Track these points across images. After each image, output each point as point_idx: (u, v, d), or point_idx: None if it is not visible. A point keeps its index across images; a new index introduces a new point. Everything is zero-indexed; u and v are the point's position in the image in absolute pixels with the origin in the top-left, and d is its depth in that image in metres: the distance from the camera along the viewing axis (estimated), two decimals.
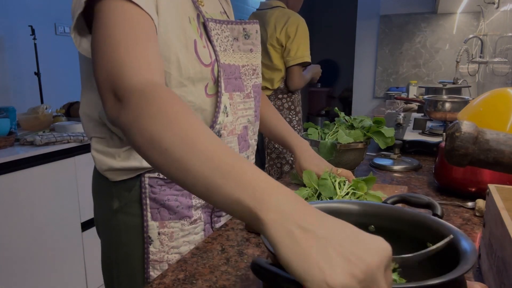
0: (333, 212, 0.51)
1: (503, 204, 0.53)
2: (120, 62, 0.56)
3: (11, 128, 1.87)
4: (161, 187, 0.77)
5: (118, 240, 0.80)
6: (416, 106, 2.76)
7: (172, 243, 0.79)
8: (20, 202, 1.69)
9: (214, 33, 0.76)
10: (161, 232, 0.77)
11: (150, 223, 0.77)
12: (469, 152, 0.72)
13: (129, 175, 0.76)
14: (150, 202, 0.77)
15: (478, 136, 0.72)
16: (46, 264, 1.82)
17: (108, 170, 0.77)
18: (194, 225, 0.81)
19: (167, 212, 0.77)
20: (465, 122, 0.73)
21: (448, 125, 1.74)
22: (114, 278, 0.82)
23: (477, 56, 2.80)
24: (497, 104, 1.04)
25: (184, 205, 0.78)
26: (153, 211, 0.77)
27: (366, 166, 1.29)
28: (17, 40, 2.31)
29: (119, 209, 0.78)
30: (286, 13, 2.05)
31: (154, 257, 0.78)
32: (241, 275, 0.61)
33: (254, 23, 0.85)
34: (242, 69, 0.83)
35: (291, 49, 2.02)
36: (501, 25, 2.33)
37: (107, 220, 0.81)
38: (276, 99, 2.13)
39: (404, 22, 4.25)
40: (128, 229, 0.78)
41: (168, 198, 0.77)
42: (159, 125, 0.48)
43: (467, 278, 0.60)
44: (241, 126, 0.84)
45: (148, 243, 0.77)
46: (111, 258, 0.82)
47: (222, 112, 0.77)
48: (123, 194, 0.78)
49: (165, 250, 0.78)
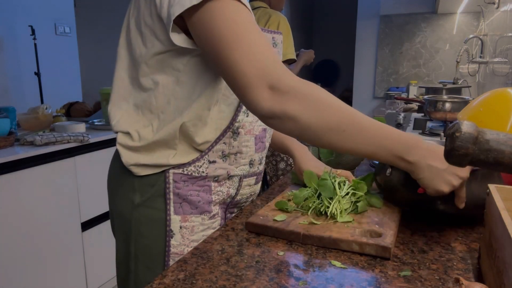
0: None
1: (503, 204, 0.53)
2: (271, 60, 0.65)
3: (11, 128, 1.87)
4: (184, 183, 0.80)
5: (138, 233, 0.82)
6: (416, 106, 2.76)
7: (193, 236, 0.82)
8: (20, 202, 1.69)
9: None
10: (183, 226, 0.81)
11: (172, 217, 0.80)
12: (469, 152, 0.72)
13: (154, 171, 0.80)
14: (173, 197, 0.80)
15: (478, 136, 0.72)
16: (46, 264, 1.81)
17: (134, 165, 0.80)
18: (212, 220, 0.85)
19: (189, 207, 0.81)
20: (465, 122, 0.73)
21: (448, 125, 1.73)
22: (131, 270, 0.84)
23: (477, 56, 2.80)
24: (497, 104, 1.04)
25: (205, 200, 0.82)
26: (176, 206, 0.80)
27: (366, 166, 1.29)
28: (17, 40, 2.31)
29: (141, 203, 0.81)
30: (267, 13, 2.06)
31: (175, 250, 0.81)
32: (241, 275, 0.61)
33: (280, 34, 0.90)
34: None
35: None
36: (501, 25, 2.33)
37: (128, 213, 0.83)
38: None
39: (404, 22, 4.25)
40: (150, 222, 0.81)
41: (190, 193, 0.81)
42: (332, 114, 0.66)
43: (467, 278, 0.60)
44: (260, 128, 0.88)
45: (170, 236, 0.80)
46: (129, 250, 0.84)
47: (243, 111, 0.82)
48: (146, 188, 0.81)
49: (186, 244, 0.82)
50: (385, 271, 0.62)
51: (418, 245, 0.71)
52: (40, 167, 1.76)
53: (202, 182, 0.82)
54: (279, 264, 0.64)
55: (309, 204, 0.81)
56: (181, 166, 0.79)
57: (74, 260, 1.97)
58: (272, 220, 0.77)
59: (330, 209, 0.77)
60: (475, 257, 0.67)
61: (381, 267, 0.63)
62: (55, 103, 2.37)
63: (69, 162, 1.90)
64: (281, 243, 0.72)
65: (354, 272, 0.61)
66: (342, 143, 0.67)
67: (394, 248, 0.69)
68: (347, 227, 0.72)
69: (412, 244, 0.71)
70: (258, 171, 0.91)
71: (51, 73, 2.47)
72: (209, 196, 0.83)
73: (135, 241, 0.83)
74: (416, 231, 0.77)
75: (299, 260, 0.65)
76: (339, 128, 0.66)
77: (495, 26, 2.59)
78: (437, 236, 0.74)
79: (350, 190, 0.82)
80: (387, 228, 0.72)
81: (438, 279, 0.59)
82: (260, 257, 0.67)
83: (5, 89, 2.27)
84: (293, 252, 0.68)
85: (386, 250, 0.64)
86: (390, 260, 0.65)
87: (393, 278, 0.59)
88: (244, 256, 0.67)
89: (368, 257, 0.66)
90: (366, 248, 0.66)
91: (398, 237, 0.74)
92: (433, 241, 0.72)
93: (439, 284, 0.58)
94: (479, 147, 0.72)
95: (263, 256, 0.67)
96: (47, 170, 1.80)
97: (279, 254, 0.68)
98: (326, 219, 0.77)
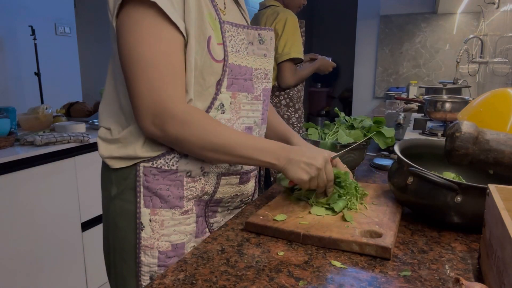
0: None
1: (503, 204, 0.53)
2: (164, 95, 0.72)
3: (11, 128, 1.87)
4: (154, 177, 0.81)
5: (114, 225, 0.84)
6: (416, 106, 2.76)
7: (163, 230, 0.82)
8: (20, 202, 1.69)
9: (228, 34, 0.81)
10: (152, 219, 0.81)
11: (142, 209, 0.81)
12: (469, 152, 0.72)
13: (126, 163, 0.82)
14: (143, 190, 0.81)
15: (478, 136, 0.72)
16: (46, 264, 1.81)
17: (108, 158, 0.83)
18: (185, 215, 0.84)
19: (159, 201, 0.81)
20: (465, 122, 0.73)
21: (448, 125, 1.73)
22: (111, 262, 0.87)
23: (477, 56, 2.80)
24: (497, 104, 1.04)
25: (175, 195, 0.82)
26: (146, 199, 0.81)
27: (366, 166, 1.29)
28: (17, 40, 2.31)
29: (116, 195, 0.84)
30: (276, 11, 2.05)
31: (146, 243, 0.81)
32: (241, 275, 0.61)
33: (269, 30, 0.90)
34: (255, 72, 0.87)
35: (278, 46, 2.00)
36: (501, 25, 2.33)
37: (107, 205, 0.86)
38: (274, 96, 2.12)
39: (404, 22, 4.25)
40: (124, 214, 0.83)
41: (160, 188, 0.81)
42: (205, 138, 0.74)
43: (467, 278, 0.60)
44: (243, 126, 0.86)
45: (140, 229, 0.81)
46: (109, 242, 0.87)
47: (215, 108, 0.81)
48: (121, 181, 0.83)
49: (156, 237, 0.82)
50: (385, 271, 0.62)
51: (418, 245, 0.71)
52: (40, 167, 1.76)
53: (174, 176, 0.82)
54: (279, 264, 0.64)
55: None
56: (151, 160, 0.80)
57: (74, 260, 1.97)
58: (272, 220, 0.77)
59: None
60: (475, 257, 0.67)
61: (381, 267, 0.63)
62: (55, 103, 2.37)
63: (69, 162, 1.90)
64: (281, 243, 0.72)
65: (354, 272, 0.61)
66: (216, 158, 0.78)
67: (394, 248, 0.69)
68: (347, 227, 0.72)
69: (412, 244, 0.71)
70: (242, 171, 0.89)
71: (51, 73, 2.47)
72: (180, 191, 0.82)
73: (113, 233, 0.85)
74: (416, 231, 0.77)
75: (299, 260, 0.65)
76: (212, 148, 0.75)
77: (495, 26, 2.59)
78: (437, 236, 0.74)
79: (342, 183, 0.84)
80: (387, 228, 0.72)
81: (438, 279, 0.59)
82: (260, 257, 0.67)
83: (5, 89, 2.27)
84: (293, 252, 0.68)
85: (386, 251, 0.64)
86: (390, 260, 0.65)
87: (393, 278, 0.59)
88: (244, 256, 0.67)
89: (368, 257, 0.66)
90: (366, 248, 0.66)
91: (398, 237, 0.74)
92: (433, 241, 0.72)
93: (439, 284, 0.58)
94: (479, 147, 0.72)
95: (263, 256, 0.67)
96: (47, 170, 1.80)
97: (279, 254, 0.68)
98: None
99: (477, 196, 0.70)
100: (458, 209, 0.72)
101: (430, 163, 0.91)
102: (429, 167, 0.83)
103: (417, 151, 0.93)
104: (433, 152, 0.93)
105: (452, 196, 0.72)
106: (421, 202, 0.76)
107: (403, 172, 0.80)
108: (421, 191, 0.76)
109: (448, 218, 0.75)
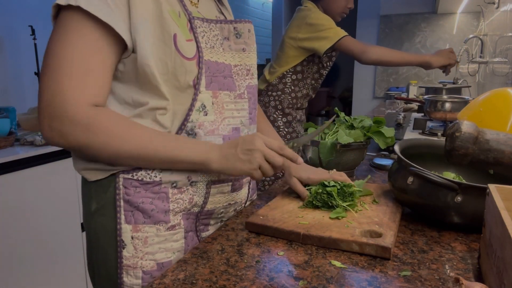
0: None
1: (503, 204, 0.53)
2: (67, 97, 0.66)
3: (11, 128, 1.87)
4: (135, 189, 0.74)
5: (96, 243, 0.78)
6: (416, 106, 2.76)
7: (147, 248, 0.75)
8: (20, 202, 1.69)
9: (200, 30, 0.76)
10: (135, 236, 0.74)
11: (123, 226, 0.74)
12: (469, 152, 0.72)
13: (103, 175, 0.75)
14: (124, 204, 0.74)
15: (478, 136, 0.72)
16: (46, 264, 1.81)
17: (84, 170, 0.76)
18: (172, 231, 0.77)
19: (141, 216, 0.75)
20: (465, 122, 0.73)
21: (448, 125, 1.73)
22: (95, 281, 0.82)
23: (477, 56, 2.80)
24: (497, 104, 1.04)
25: (159, 209, 0.75)
26: (126, 214, 0.74)
27: (366, 166, 1.29)
28: (17, 40, 2.31)
29: (96, 210, 0.77)
30: (301, 10, 2.01)
31: (128, 262, 0.75)
32: (241, 275, 0.61)
33: (246, 22, 0.83)
34: (234, 68, 0.81)
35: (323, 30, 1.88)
36: (501, 25, 2.33)
37: (88, 222, 0.80)
38: (265, 95, 2.08)
39: (404, 22, 4.25)
40: (104, 231, 0.76)
41: (142, 201, 0.74)
42: (113, 144, 0.68)
43: (467, 278, 0.60)
44: (229, 127, 0.80)
45: (122, 247, 0.75)
46: (92, 260, 0.81)
47: (196, 110, 0.75)
48: (100, 195, 0.76)
49: (139, 256, 0.75)
50: (385, 271, 0.62)
51: (418, 245, 0.71)
52: (40, 167, 1.76)
53: (157, 188, 0.75)
54: (279, 264, 0.64)
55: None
56: (130, 171, 0.74)
57: (74, 260, 1.97)
58: (272, 220, 0.77)
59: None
60: (475, 257, 0.67)
61: (381, 267, 0.63)
62: None
63: (69, 162, 1.90)
64: (281, 243, 0.72)
65: (354, 272, 0.61)
66: (139, 164, 0.73)
67: (394, 248, 0.69)
68: (347, 227, 0.72)
69: (412, 244, 0.71)
70: (233, 177, 0.82)
71: None
72: (165, 204, 0.75)
73: (95, 252, 0.79)
74: (416, 231, 0.77)
75: (299, 260, 0.65)
76: (131, 156, 0.70)
77: (495, 26, 2.59)
78: (437, 236, 0.74)
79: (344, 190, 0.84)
80: (387, 228, 0.72)
81: (438, 279, 0.59)
82: (260, 257, 0.67)
83: (5, 89, 2.27)
84: (293, 252, 0.68)
85: (386, 251, 0.64)
86: (390, 260, 0.65)
87: (393, 278, 0.59)
88: (244, 256, 0.67)
89: (368, 257, 0.66)
90: (366, 248, 0.66)
91: (398, 237, 0.74)
92: (433, 241, 0.72)
93: (439, 284, 0.58)
94: (479, 147, 0.72)
95: (263, 256, 0.67)
96: (47, 170, 1.80)
97: (279, 254, 0.68)
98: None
99: (477, 196, 0.70)
100: (458, 209, 0.72)
101: (430, 163, 0.91)
102: (429, 167, 0.83)
103: (417, 151, 0.93)
104: (433, 152, 0.93)
105: (453, 196, 0.72)
106: (421, 202, 0.76)
107: (403, 172, 0.80)
108: (422, 191, 0.76)
109: (448, 218, 0.75)
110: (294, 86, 2.05)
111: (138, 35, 0.69)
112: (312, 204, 0.83)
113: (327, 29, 1.89)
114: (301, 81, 2.05)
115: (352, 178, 1.06)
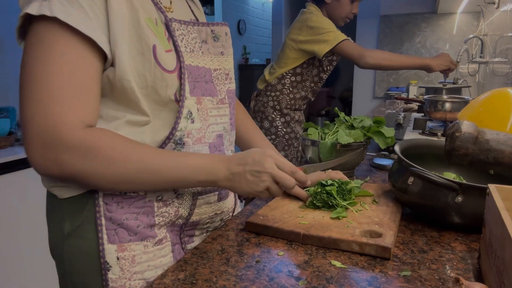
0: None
1: (503, 204, 0.53)
2: (57, 120, 0.59)
3: (11, 128, 1.87)
4: (117, 205, 0.69)
5: (72, 269, 0.71)
6: (416, 106, 2.76)
7: (135, 268, 0.70)
8: (20, 202, 1.69)
9: (178, 33, 0.71)
10: (121, 257, 0.69)
11: (106, 246, 0.68)
12: (469, 152, 0.72)
13: (79, 191, 0.68)
14: (106, 223, 0.68)
15: (478, 136, 0.72)
16: (46, 264, 1.81)
17: (54, 186, 0.70)
18: (159, 245, 0.72)
19: (126, 233, 0.69)
20: (465, 122, 0.73)
21: (448, 125, 1.73)
22: None
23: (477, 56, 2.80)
24: (497, 104, 1.04)
25: (145, 224, 0.70)
26: (109, 233, 0.68)
27: (366, 166, 1.29)
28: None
29: (71, 232, 0.70)
30: (304, 13, 2.01)
31: (115, 284, 0.69)
32: (241, 275, 0.61)
33: (222, 25, 0.81)
34: (214, 73, 0.78)
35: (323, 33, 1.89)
36: (501, 25, 2.33)
37: (58, 247, 0.72)
38: (263, 95, 2.08)
39: (404, 22, 4.25)
40: (83, 255, 0.69)
41: (126, 217, 0.69)
42: (114, 168, 0.63)
43: (467, 278, 0.60)
44: (214, 134, 0.77)
45: (106, 269, 0.68)
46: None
47: (184, 117, 0.71)
48: (76, 214, 0.69)
49: (127, 277, 0.69)
50: (385, 271, 0.62)
51: (418, 245, 0.71)
52: None
53: (141, 202, 0.70)
54: (279, 264, 0.64)
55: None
56: None
57: None
58: (272, 220, 0.77)
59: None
60: (475, 257, 0.67)
61: (381, 267, 0.63)
62: None
63: None
64: (281, 243, 0.72)
65: (354, 272, 0.61)
66: (141, 188, 0.68)
67: (394, 248, 0.69)
68: (347, 227, 0.72)
69: (412, 244, 0.71)
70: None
71: None
72: (150, 218, 0.71)
73: (70, 279, 0.71)
74: (416, 231, 0.77)
75: (299, 260, 0.65)
76: (133, 180, 0.65)
77: (495, 26, 2.59)
78: (437, 236, 0.74)
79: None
80: (387, 228, 0.72)
81: (438, 279, 0.59)
82: (260, 257, 0.67)
83: (5, 89, 2.27)
84: (293, 252, 0.68)
85: (386, 250, 0.64)
86: (390, 260, 0.65)
87: (393, 278, 0.59)
88: (244, 256, 0.67)
89: (368, 257, 0.66)
90: (366, 248, 0.66)
91: (398, 237, 0.74)
92: (433, 241, 0.72)
93: (439, 284, 0.58)
94: (479, 147, 0.72)
95: (263, 256, 0.67)
96: None
97: (279, 254, 0.68)
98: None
99: (478, 196, 0.70)
100: (458, 209, 0.72)
101: (430, 163, 0.91)
102: (430, 167, 0.83)
103: (417, 151, 0.93)
104: (433, 152, 0.93)
105: (453, 196, 0.72)
106: (422, 202, 0.76)
107: (403, 172, 0.80)
108: (422, 191, 0.76)
109: (449, 218, 0.75)
110: (293, 88, 2.05)
111: (117, 48, 0.64)
112: (313, 204, 0.83)
113: (327, 32, 1.90)
114: (300, 83, 2.05)
115: (352, 178, 1.06)
